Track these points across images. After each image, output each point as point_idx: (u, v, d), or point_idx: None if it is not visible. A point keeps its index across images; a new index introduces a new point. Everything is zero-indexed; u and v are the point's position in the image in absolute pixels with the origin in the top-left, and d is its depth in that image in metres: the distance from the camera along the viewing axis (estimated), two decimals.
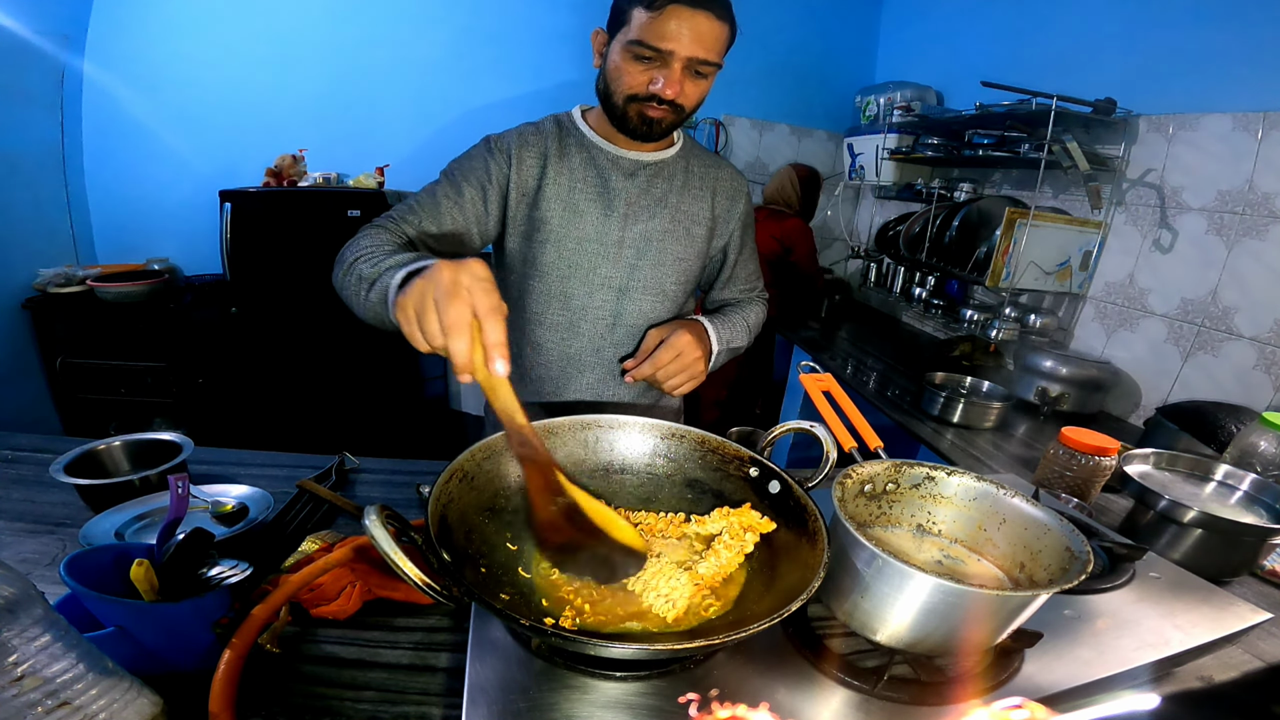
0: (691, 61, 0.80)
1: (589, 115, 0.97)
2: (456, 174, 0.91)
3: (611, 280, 0.96)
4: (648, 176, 0.95)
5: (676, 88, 0.82)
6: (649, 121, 0.86)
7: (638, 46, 0.79)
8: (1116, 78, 1.71)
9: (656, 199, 0.95)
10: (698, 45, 0.79)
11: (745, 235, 1.08)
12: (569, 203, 0.92)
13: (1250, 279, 1.42)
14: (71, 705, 0.38)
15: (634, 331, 0.99)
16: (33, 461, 0.87)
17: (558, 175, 0.92)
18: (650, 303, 0.99)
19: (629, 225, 0.94)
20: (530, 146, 0.92)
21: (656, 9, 0.77)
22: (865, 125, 2.73)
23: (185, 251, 2.62)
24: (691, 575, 0.54)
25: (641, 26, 0.78)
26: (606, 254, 0.94)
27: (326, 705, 0.51)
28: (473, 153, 0.94)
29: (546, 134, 0.94)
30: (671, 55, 0.79)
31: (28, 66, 2.19)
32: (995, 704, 0.33)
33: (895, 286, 2.60)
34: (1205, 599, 0.64)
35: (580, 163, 0.93)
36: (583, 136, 0.95)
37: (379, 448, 1.18)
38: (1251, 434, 0.94)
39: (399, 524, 0.44)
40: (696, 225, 0.99)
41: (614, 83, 0.85)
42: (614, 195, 0.93)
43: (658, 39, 0.78)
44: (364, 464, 0.94)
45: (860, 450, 0.67)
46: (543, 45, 2.66)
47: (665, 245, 0.97)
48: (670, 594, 0.52)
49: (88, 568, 0.50)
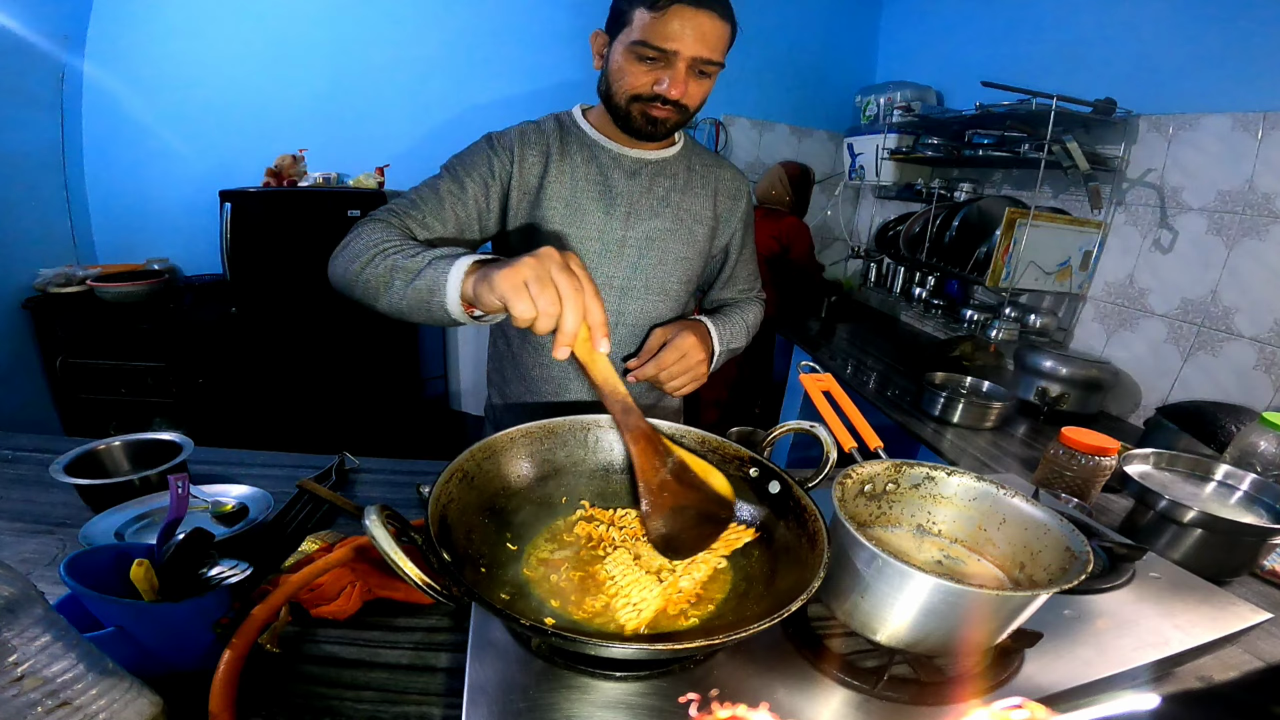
0: (695, 61, 0.80)
1: (590, 114, 0.97)
2: (459, 169, 0.91)
3: (613, 280, 0.95)
4: (650, 175, 0.95)
5: (681, 88, 0.82)
6: (653, 121, 0.86)
7: (641, 47, 0.79)
8: (1116, 78, 1.71)
9: (659, 198, 0.95)
10: (701, 45, 0.79)
11: (746, 235, 1.08)
12: (571, 202, 0.92)
13: (1250, 279, 1.42)
14: (71, 705, 0.38)
15: (636, 331, 0.99)
16: (33, 461, 0.87)
17: (560, 174, 0.92)
18: (653, 302, 0.98)
19: (631, 224, 0.94)
20: (532, 144, 0.92)
21: (659, 9, 0.77)
22: (865, 125, 2.73)
23: (185, 251, 2.62)
24: (667, 588, 0.53)
25: (644, 27, 0.78)
26: (608, 253, 0.94)
27: (326, 705, 0.51)
28: (475, 148, 0.93)
29: (548, 132, 0.94)
30: (675, 55, 0.79)
31: (28, 66, 2.19)
32: (995, 704, 0.33)
33: (895, 286, 2.60)
34: (1205, 599, 0.64)
35: (582, 161, 0.93)
36: (584, 135, 0.94)
37: (379, 448, 1.18)
38: (1251, 434, 0.94)
39: (399, 524, 0.44)
40: (699, 224, 0.99)
41: (617, 83, 0.85)
42: (616, 194, 0.93)
43: (661, 39, 0.78)
44: (364, 464, 0.94)
45: (860, 450, 0.67)
46: (543, 45, 2.66)
47: (668, 245, 0.97)
48: (639, 604, 0.51)
49: (88, 568, 0.50)
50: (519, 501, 0.62)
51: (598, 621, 0.51)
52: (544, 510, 0.63)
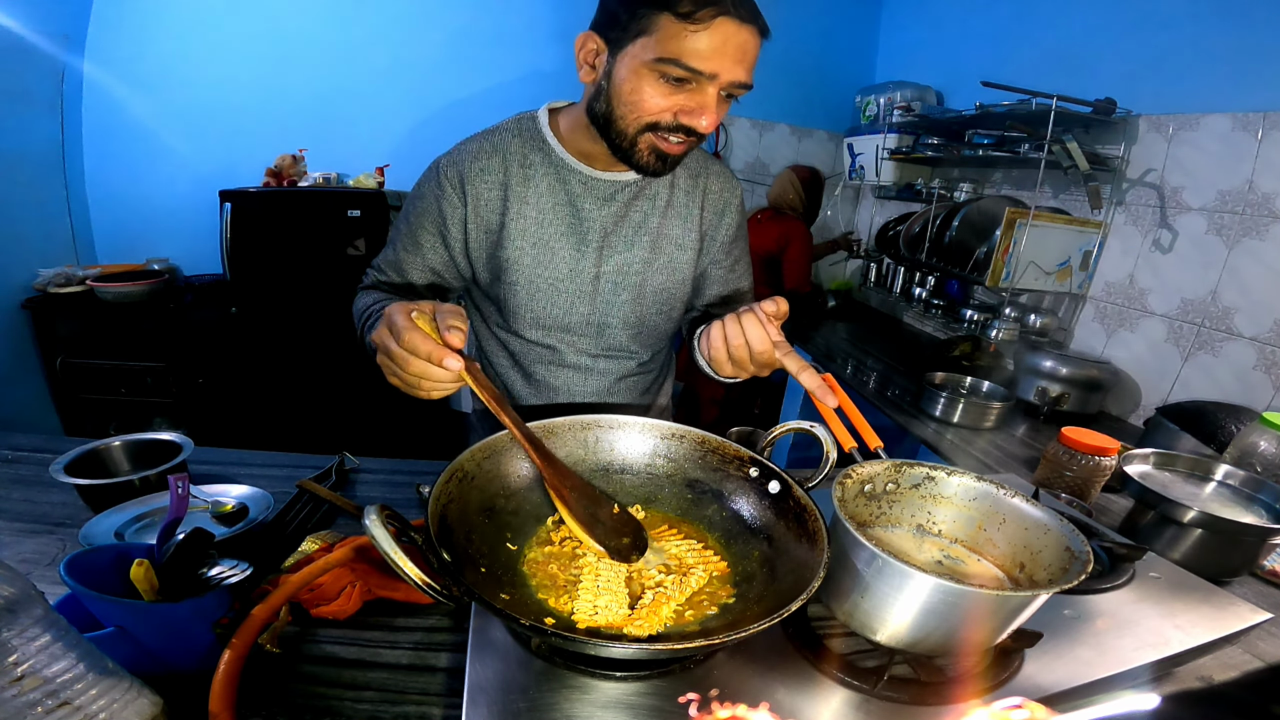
0: (732, 85, 0.67)
1: (559, 120, 0.83)
2: (412, 219, 0.84)
3: (590, 318, 0.88)
4: (626, 201, 0.84)
5: (714, 117, 0.68)
6: (663, 157, 0.73)
7: (669, 65, 0.65)
8: (1116, 78, 1.71)
9: (635, 225, 0.85)
10: (741, 66, 0.66)
11: (734, 248, 0.96)
12: (538, 240, 0.82)
13: (1250, 279, 1.42)
14: (71, 705, 0.38)
15: (620, 361, 0.95)
16: (33, 461, 0.87)
17: (522, 208, 0.81)
18: (628, 336, 0.92)
19: (605, 259, 0.85)
20: (485, 175, 0.80)
21: (698, 21, 0.62)
22: (865, 125, 2.73)
23: (185, 251, 2.62)
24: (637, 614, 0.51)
25: (675, 40, 0.64)
26: (582, 293, 0.86)
27: (326, 705, 0.51)
28: (423, 189, 0.84)
29: (505, 152, 0.81)
30: (714, 79, 0.66)
31: (28, 66, 2.19)
32: (995, 704, 0.33)
33: (895, 286, 2.61)
34: (1205, 599, 0.64)
35: (547, 189, 0.81)
36: (550, 152, 0.82)
37: (379, 448, 1.18)
38: (1251, 434, 0.94)
39: (399, 524, 0.44)
40: (681, 250, 0.89)
41: (626, 107, 0.70)
42: (587, 226, 0.83)
43: (699, 59, 0.64)
44: (364, 464, 0.94)
45: (860, 450, 0.67)
46: (543, 45, 2.67)
47: (646, 276, 0.87)
48: (601, 608, 0.50)
49: (88, 568, 0.50)
50: (519, 501, 0.62)
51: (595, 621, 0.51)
52: (544, 510, 0.63)
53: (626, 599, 0.52)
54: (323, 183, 2.54)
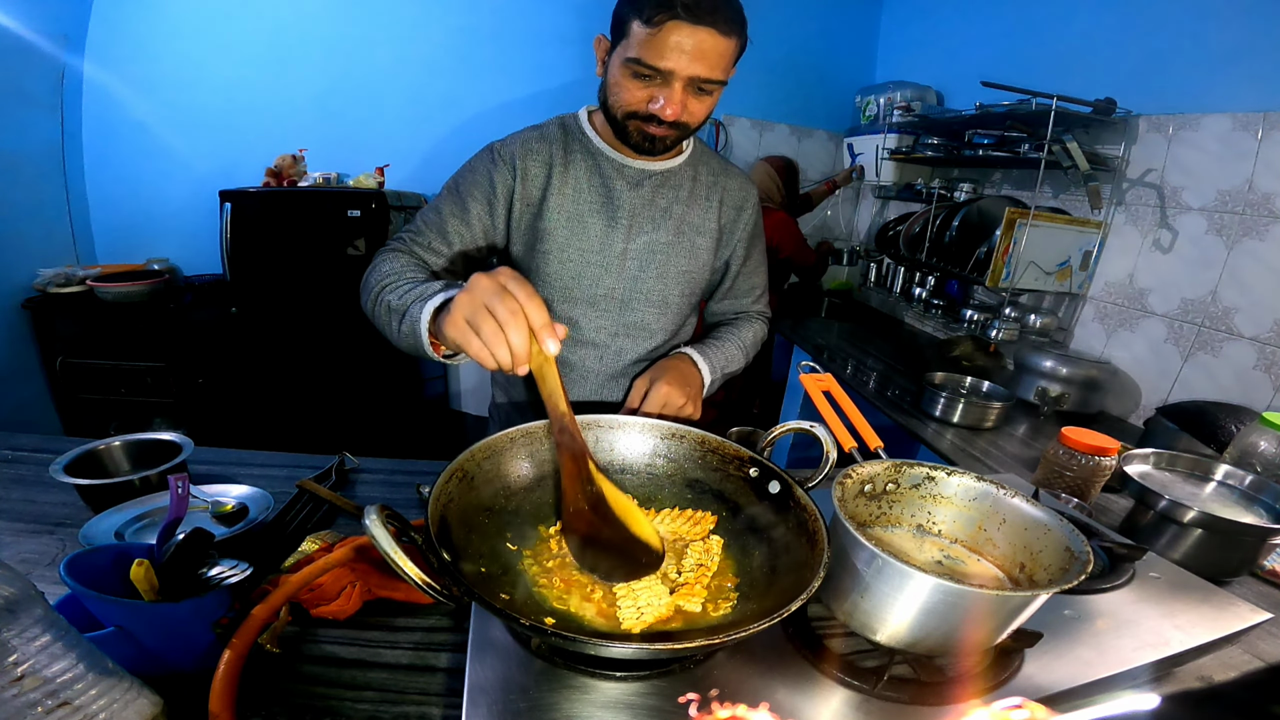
0: (693, 80, 0.76)
1: (596, 118, 0.94)
2: (461, 189, 0.90)
3: (614, 291, 0.95)
4: (653, 187, 0.93)
5: (678, 108, 0.77)
6: (650, 139, 0.83)
7: (635, 64, 0.75)
8: (1116, 78, 1.71)
9: (661, 210, 0.94)
10: (699, 64, 0.73)
11: (751, 247, 1.05)
12: (573, 214, 0.91)
13: (1250, 279, 1.42)
14: (71, 705, 0.38)
15: (638, 340, 0.99)
16: (33, 461, 0.87)
17: (562, 185, 0.90)
18: (653, 314, 0.98)
19: (632, 237, 0.93)
20: (535, 155, 0.90)
21: (655, 25, 0.71)
22: (865, 125, 2.73)
23: (185, 251, 2.62)
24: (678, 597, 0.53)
25: (640, 43, 0.73)
26: (609, 266, 0.93)
27: (326, 705, 0.51)
28: (476, 164, 0.91)
29: (551, 140, 0.92)
30: (671, 75, 0.74)
31: (28, 66, 2.19)
32: (995, 704, 0.33)
33: (895, 286, 2.60)
34: (1205, 599, 0.64)
35: (585, 171, 0.91)
36: (589, 143, 0.92)
37: (379, 448, 1.18)
38: (1251, 434, 0.94)
39: (399, 524, 0.44)
40: (701, 237, 0.97)
41: (613, 98, 0.82)
42: (618, 206, 0.92)
43: (656, 57, 0.73)
44: (364, 464, 0.94)
45: (860, 450, 0.67)
46: (543, 45, 2.66)
47: (669, 257, 0.95)
48: (644, 608, 0.51)
49: (88, 568, 0.50)
50: (519, 501, 0.62)
51: (597, 621, 0.51)
52: (544, 510, 0.63)
53: (665, 590, 0.53)
54: (323, 183, 2.54)
